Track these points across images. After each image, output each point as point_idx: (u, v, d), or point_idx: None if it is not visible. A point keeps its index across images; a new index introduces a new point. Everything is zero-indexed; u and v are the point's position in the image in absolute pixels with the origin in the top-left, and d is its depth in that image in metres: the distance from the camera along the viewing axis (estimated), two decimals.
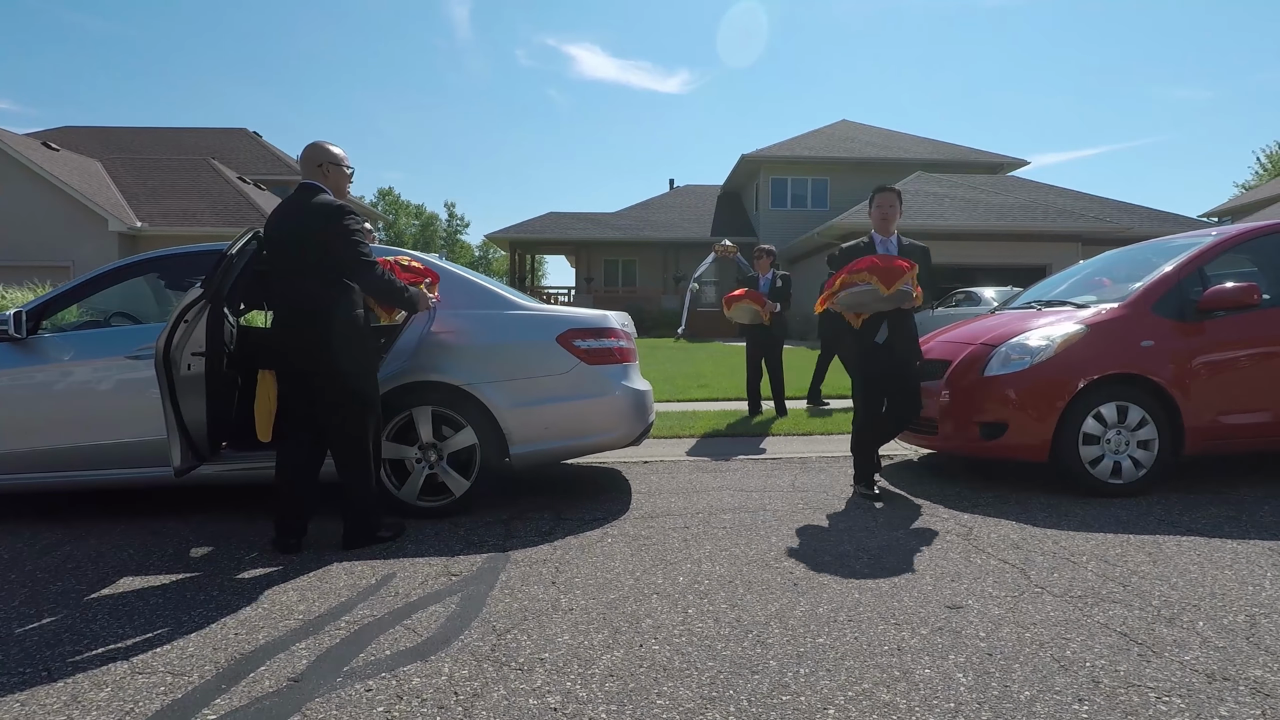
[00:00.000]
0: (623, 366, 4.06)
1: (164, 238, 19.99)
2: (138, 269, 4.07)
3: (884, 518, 3.66)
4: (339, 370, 3.18)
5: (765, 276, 7.11)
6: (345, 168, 3.42)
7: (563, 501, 4.14)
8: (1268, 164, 43.08)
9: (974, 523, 3.54)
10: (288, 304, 3.19)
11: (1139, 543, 3.17)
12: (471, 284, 4.07)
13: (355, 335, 3.26)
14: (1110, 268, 5.17)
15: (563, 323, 3.96)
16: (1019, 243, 19.26)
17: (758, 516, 3.72)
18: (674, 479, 4.75)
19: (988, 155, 27.24)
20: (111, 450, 3.67)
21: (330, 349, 3.15)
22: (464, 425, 3.79)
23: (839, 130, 29.22)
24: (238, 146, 30.50)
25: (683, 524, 3.61)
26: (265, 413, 3.39)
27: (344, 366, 3.19)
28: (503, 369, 3.84)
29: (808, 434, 6.28)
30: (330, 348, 3.15)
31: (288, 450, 3.29)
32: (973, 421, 4.22)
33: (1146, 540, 3.20)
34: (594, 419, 3.96)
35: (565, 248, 29.99)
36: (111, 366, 3.69)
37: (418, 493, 3.78)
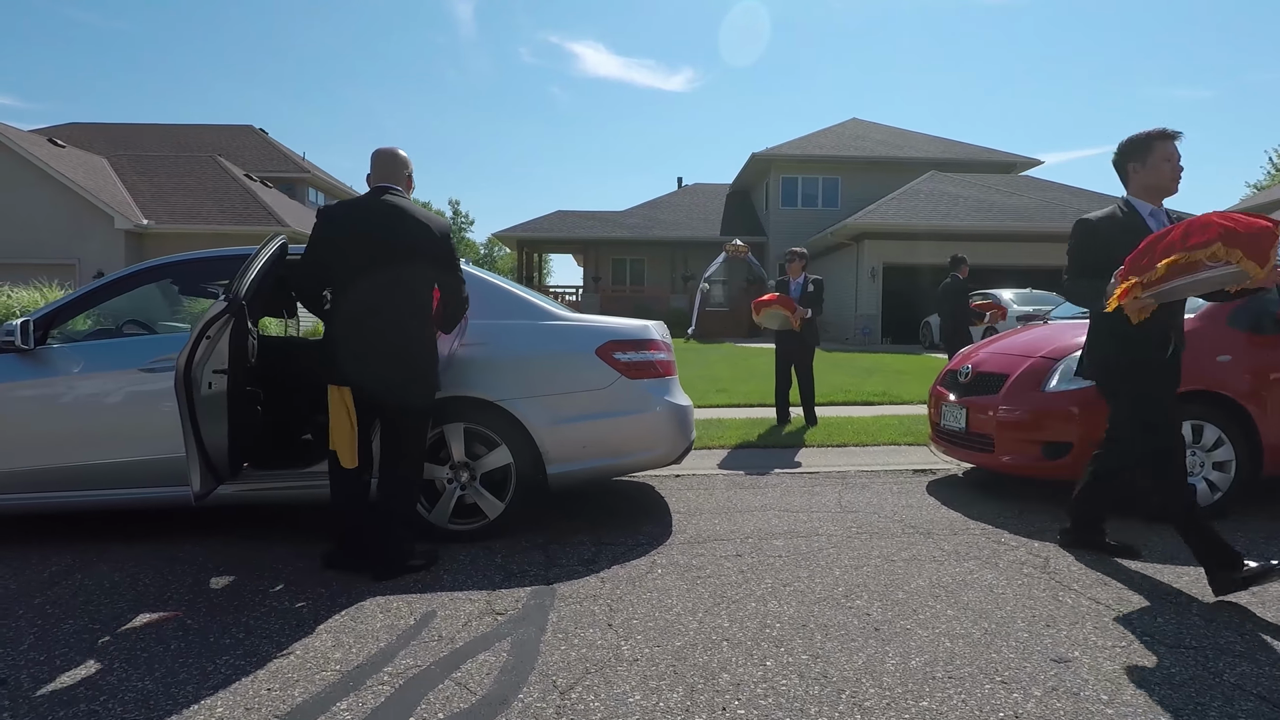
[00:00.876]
0: (664, 380, 3.82)
1: (170, 235, 19.81)
2: (150, 275, 3.84)
3: (949, 545, 3.43)
4: (430, 384, 3.12)
5: (796, 281, 6.85)
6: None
7: (600, 522, 3.91)
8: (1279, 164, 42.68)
9: (1047, 552, 3.31)
10: (394, 315, 2.97)
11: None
12: (505, 292, 3.84)
13: (434, 348, 3.19)
14: None
15: (602, 334, 3.73)
16: (1035, 244, 18.98)
17: (812, 543, 3.49)
18: (711, 496, 4.52)
19: (1001, 154, 26.93)
20: (124, 469, 3.44)
21: (426, 362, 3.08)
22: (498, 443, 3.56)
23: (849, 129, 28.92)
24: (244, 144, 30.35)
25: (734, 551, 3.38)
26: (347, 435, 3.01)
27: (431, 380, 3.13)
28: (539, 383, 3.61)
29: (842, 444, 6.05)
30: (426, 361, 3.08)
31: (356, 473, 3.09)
32: (1034, 440, 3.98)
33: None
34: (635, 437, 3.73)
35: (573, 247, 29.77)
36: (124, 379, 3.46)
37: (450, 515, 3.55)
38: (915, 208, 19.49)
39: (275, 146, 30.88)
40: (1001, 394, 4.15)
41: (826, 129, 28.58)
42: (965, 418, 4.39)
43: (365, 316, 2.97)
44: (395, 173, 3.20)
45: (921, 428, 6.58)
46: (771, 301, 6.61)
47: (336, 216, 3.04)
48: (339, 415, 3.01)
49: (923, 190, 20.81)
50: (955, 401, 4.52)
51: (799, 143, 26.56)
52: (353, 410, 3.01)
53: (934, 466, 5.36)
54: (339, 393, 3.00)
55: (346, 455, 3.02)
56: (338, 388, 3.00)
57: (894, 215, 19.03)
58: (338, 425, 3.01)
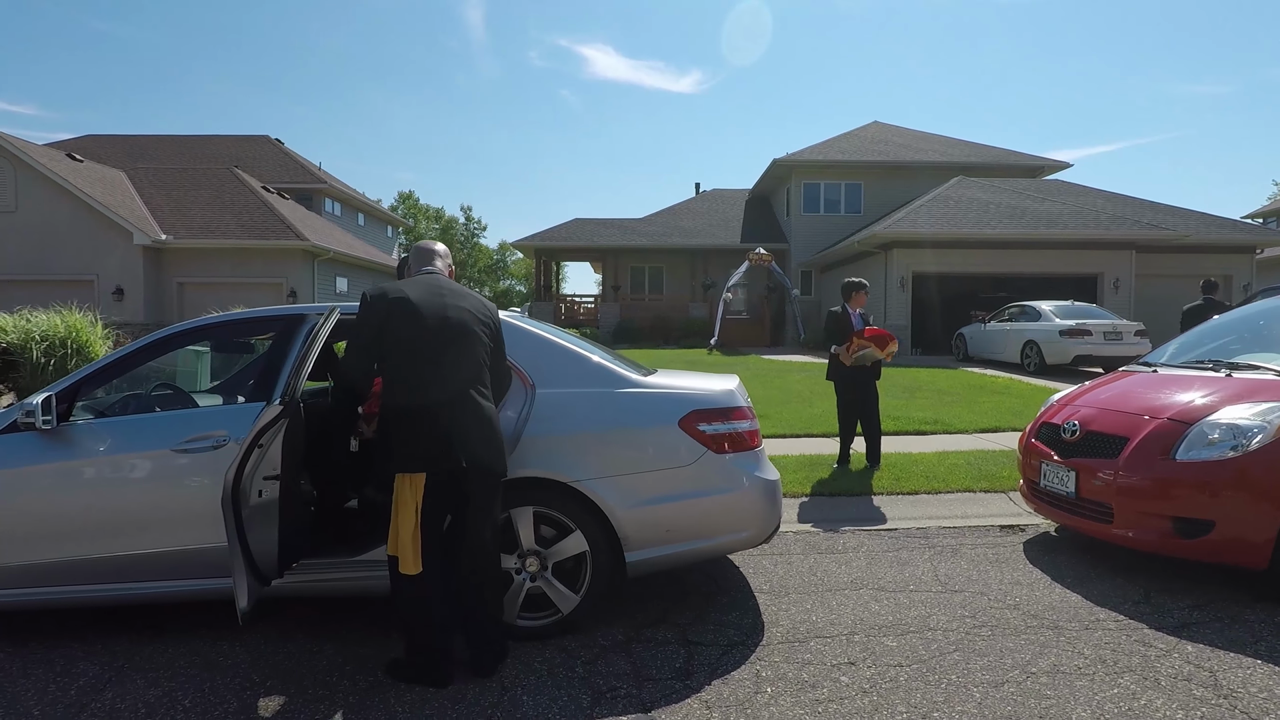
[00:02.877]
0: (753, 453, 3.42)
1: (189, 250, 19.63)
2: (184, 339, 3.50)
3: (1088, 650, 3.00)
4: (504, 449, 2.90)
5: (857, 312, 6.40)
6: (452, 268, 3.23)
7: (678, 605, 3.53)
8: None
9: (1211, 661, 2.88)
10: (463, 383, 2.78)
11: None
12: (577, 356, 3.45)
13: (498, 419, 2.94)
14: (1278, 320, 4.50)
15: (686, 403, 3.33)
16: (1069, 251, 18.43)
17: (930, 644, 3.08)
18: (791, 566, 4.13)
19: (1027, 157, 26.33)
20: (158, 560, 3.08)
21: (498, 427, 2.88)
22: (572, 529, 3.18)
23: (871, 132, 28.40)
24: (260, 154, 30.26)
25: (845, 657, 2.97)
26: (411, 536, 2.66)
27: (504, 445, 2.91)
28: (617, 461, 3.22)
29: (913, 492, 5.63)
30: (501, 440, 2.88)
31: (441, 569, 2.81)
32: (1164, 515, 3.55)
33: None
34: (723, 517, 3.33)
35: (590, 255, 29.39)
36: (155, 461, 3.10)
37: (519, 610, 3.17)
38: (945, 215, 18.97)
39: (291, 157, 30.73)
40: (1123, 459, 3.72)
41: (847, 133, 28.07)
42: (1075, 482, 3.96)
43: (433, 389, 2.70)
44: (436, 260, 3.15)
45: (991, 468, 6.16)
46: (878, 336, 6.12)
47: (387, 290, 2.81)
48: (405, 513, 2.65)
49: (951, 197, 20.28)
50: (1060, 462, 4.09)
51: (820, 148, 26.06)
52: (420, 504, 2.67)
53: (1021, 522, 4.93)
54: (409, 482, 2.67)
55: (410, 560, 2.65)
56: (409, 476, 2.67)
57: (924, 223, 18.52)
58: (403, 525, 2.65)
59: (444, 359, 2.74)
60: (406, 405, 2.69)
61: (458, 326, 2.81)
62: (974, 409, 9.45)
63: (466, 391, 2.75)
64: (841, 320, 6.32)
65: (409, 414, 2.68)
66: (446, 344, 2.76)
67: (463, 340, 2.80)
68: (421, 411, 2.68)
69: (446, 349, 2.75)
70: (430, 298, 2.81)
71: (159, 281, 19.67)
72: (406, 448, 2.66)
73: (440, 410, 2.68)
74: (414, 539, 2.65)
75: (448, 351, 2.75)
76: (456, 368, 2.76)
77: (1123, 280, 18.45)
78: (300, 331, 3.22)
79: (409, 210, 56.34)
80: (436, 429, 2.67)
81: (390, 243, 37.11)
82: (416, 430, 2.67)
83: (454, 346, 2.77)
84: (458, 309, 2.85)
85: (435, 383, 2.70)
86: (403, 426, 2.68)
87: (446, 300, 2.85)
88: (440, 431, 2.67)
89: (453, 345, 2.77)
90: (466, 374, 2.78)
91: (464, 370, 2.78)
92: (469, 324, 2.84)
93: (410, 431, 2.67)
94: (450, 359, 2.75)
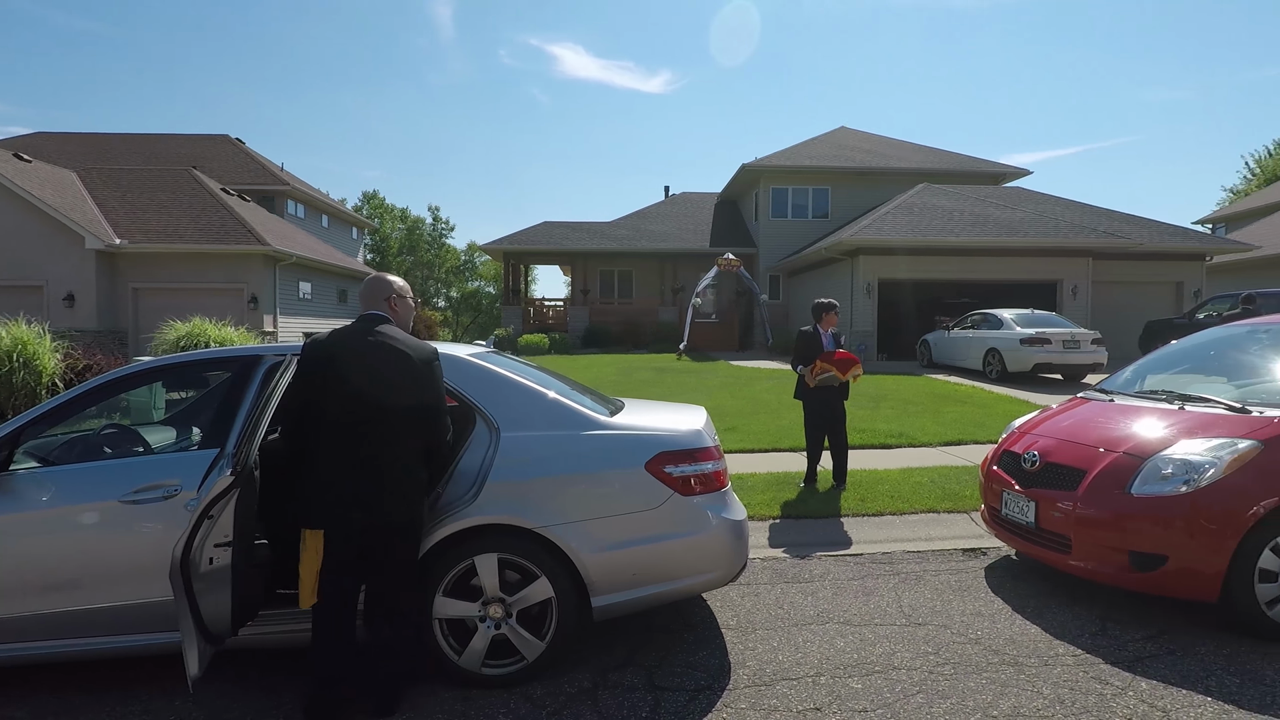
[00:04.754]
0: (721, 494, 3.42)
1: (145, 255, 19.06)
2: (138, 380, 3.39)
3: (1047, 689, 3.05)
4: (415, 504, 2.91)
5: (829, 332, 6.42)
6: (410, 299, 3.07)
7: (644, 646, 3.51)
8: (1257, 169, 43.28)
9: (1164, 700, 2.94)
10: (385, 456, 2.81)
11: None
12: (543, 397, 3.40)
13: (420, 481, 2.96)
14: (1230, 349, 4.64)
15: (653, 445, 3.31)
16: (1029, 258, 18.83)
17: (894, 685, 3.10)
18: (757, 597, 4.14)
19: (989, 164, 26.85)
20: (101, 615, 2.97)
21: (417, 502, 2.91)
22: (537, 575, 3.13)
23: (838, 138, 28.72)
24: (220, 155, 29.52)
25: (812, 703, 2.98)
26: (311, 574, 2.75)
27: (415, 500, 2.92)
28: (584, 505, 3.19)
29: (878, 513, 5.68)
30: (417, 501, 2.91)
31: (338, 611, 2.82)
32: (1120, 548, 3.63)
33: None
34: (690, 559, 3.32)
35: (560, 258, 29.26)
36: (102, 513, 2.99)
37: (483, 658, 3.12)
38: (911, 222, 19.26)
39: (252, 157, 30.03)
40: (1081, 492, 3.80)
41: (815, 138, 28.34)
42: (1035, 512, 4.03)
43: (347, 454, 2.76)
44: (374, 302, 3.05)
45: (954, 486, 6.25)
46: (841, 360, 6.13)
47: (317, 353, 2.83)
48: (309, 564, 2.75)
49: (916, 204, 20.59)
50: (1021, 492, 4.16)
51: (788, 153, 26.27)
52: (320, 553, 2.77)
53: (983, 545, 5.02)
54: (312, 535, 2.76)
55: (307, 591, 2.75)
56: (312, 533, 2.76)
57: (890, 230, 18.77)
58: (308, 563, 2.75)
59: (355, 421, 2.76)
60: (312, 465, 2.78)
61: (377, 391, 2.77)
62: (938, 420, 9.60)
63: (381, 452, 2.78)
64: (812, 341, 6.35)
65: (319, 473, 2.77)
66: (359, 406, 2.76)
67: (381, 405, 2.78)
68: (332, 472, 2.75)
69: (363, 415, 2.76)
70: (335, 355, 2.79)
71: (112, 287, 19.07)
72: (312, 504, 2.76)
73: (350, 473, 2.74)
74: (313, 577, 2.75)
75: (361, 414, 2.76)
76: (371, 434, 2.77)
77: (1080, 287, 18.91)
78: (255, 376, 3.13)
79: (374, 210, 55.41)
80: (345, 489, 2.74)
81: (355, 245, 36.50)
82: (324, 488, 2.75)
83: (372, 411, 2.77)
84: (381, 368, 2.81)
85: (345, 446, 2.76)
86: (311, 481, 2.77)
87: (370, 360, 2.82)
88: (348, 492, 2.73)
89: (371, 410, 2.77)
90: (384, 436, 2.79)
91: (381, 434, 2.78)
92: (392, 385, 2.80)
93: (317, 488, 2.76)
94: (363, 421, 2.76)
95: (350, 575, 2.83)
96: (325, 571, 2.78)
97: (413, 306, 3.16)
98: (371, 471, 2.76)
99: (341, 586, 2.81)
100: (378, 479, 2.77)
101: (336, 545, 2.78)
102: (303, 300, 22.42)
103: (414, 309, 3.19)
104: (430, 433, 2.92)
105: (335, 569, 2.78)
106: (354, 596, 2.87)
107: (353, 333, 2.90)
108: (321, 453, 2.79)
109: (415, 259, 55.46)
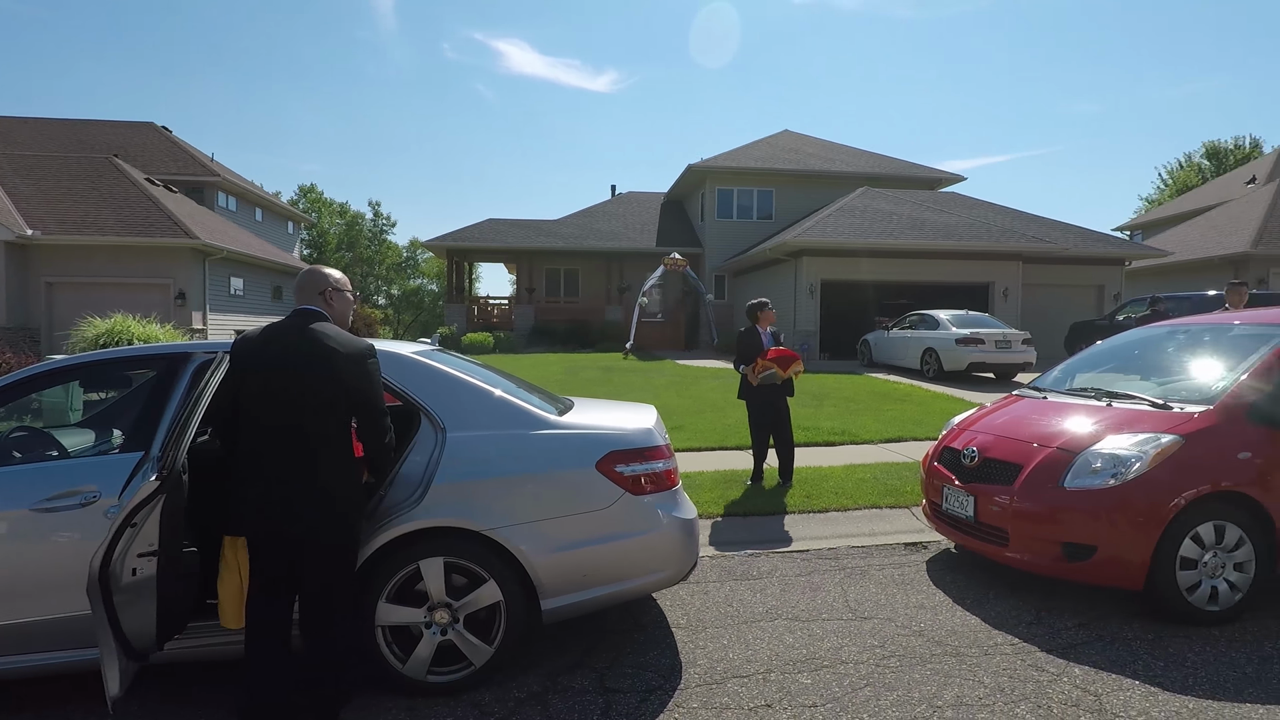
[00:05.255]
0: (672, 492, 3.40)
1: (61, 248, 18.00)
2: (50, 379, 3.16)
3: (988, 678, 3.14)
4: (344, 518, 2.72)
5: (767, 331, 6.52)
6: (349, 293, 2.91)
7: (595, 647, 3.47)
8: (1170, 180, 45.89)
9: (1096, 684, 3.06)
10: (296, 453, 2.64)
11: None
12: (490, 396, 3.32)
13: (352, 484, 2.77)
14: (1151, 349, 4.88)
15: (603, 444, 3.27)
16: (964, 261, 19.51)
17: (843, 680, 3.14)
18: (706, 595, 4.15)
19: (926, 170, 27.72)
20: (10, 632, 2.76)
21: (342, 509, 2.70)
22: (485, 578, 3.06)
23: (782, 141, 29.20)
24: (145, 143, 28.12)
25: (762, 700, 2.99)
26: (235, 593, 2.64)
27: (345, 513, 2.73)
28: (533, 506, 3.13)
29: (823, 510, 5.78)
30: (342, 508, 2.70)
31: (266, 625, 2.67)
32: (1054, 540, 3.77)
33: None
34: (641, 559, 3.29)
35: (504, 256, 28.86)
36: (12, 523, 2.78)
37: (429, 665, 3.03)
38: (852, 224, 19.71)
39: (180, 146, 28.67)
40: (1018, 486, 3.93)
41: (760, 141, 28.74)
42: (974, 506, 4.16)
43: (266, 457, 2.63)
44: (309, 296, 2.87)
45: (895, 482, 6.40)
46: (782, 357, 6.16)
47: (241, 347, 2.72)
48: (229, 573, 2.67)
49: (858, 207, 21.09)
50: (961, 487, 4.28)
51: (734, 154, 26.57)
52: (244, 565, 2.67)
53: (923, 539, 5.15)
54: (232, 543, 2.68)
55: (232, 613, 2.66)
56: (232, 543, 2.67)
57: (832, 232, 19.17)
58: (226, 578, 2.66)
59: (275, 423, 2.63)
60: (238, 469, 2.66)
61: (302, 391, 2.62)
62: (879, 418, 9.83)
63: (307, 456, 2.63)
64: (753, 339, 6.41)
65: (239, 477, 2.65)
66: (280, 407, 2.63)
67: (309, 406, 2.63)
68: (251, 477, 2.63)
69: (279, 413, 2.63)
70: (259, 350, 2.67)
71: (24, 282, 17.94)
72: (232, 509, 2.64)
73: (273, 479, 2.61)
74: (237, 596, 2.66)
75: (281, 416, 2.63)
76: (298, 437, 2.63)
77: (1011, 289, 19.69)
78: (183, 375, 2.96)
79: (312, 205, 53.62)
80: (263, 495, 2.61)
81: (291, 240, 35.24)
82: (243, 494, 2.63)
83: (298, 413, 2.63)
84: (282, 363, 2.64)
85: (264, 449, 2.63)
86: (233, 487, 2.65)
87: (272, 354, 2.66)
88: (266, 498, 2.60)
89: (296, 412, 2.63)
90: (311, 439, 2.64)
91: (308, 437, 2.64)
92: (320, 385, 2.64)
93: (238, 493, 2.64)
94: (283, 424, 2.62)
95: (280, 587, 2.69)
96: (253, 585, 2.66)
97: (351, 301, 3.02)
98: (297, 477, 2.61)
99: (271, 600, 2.67)
100: (306, 484, 2.61)
101: (261, 557, 2.65)
102: (235, 297, 21.54)
103: (353, 303, 3.06)
104: (366, 435, 2.78)
105: (263, 581, 2.66)
106: (285, 609, 2.73)
107: (283, 329, 2.75)
108: (244, 456, 2.65)
109: (355, 255, 53.91)
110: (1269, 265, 21.74)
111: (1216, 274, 22.93)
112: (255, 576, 2.65)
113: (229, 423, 2.70)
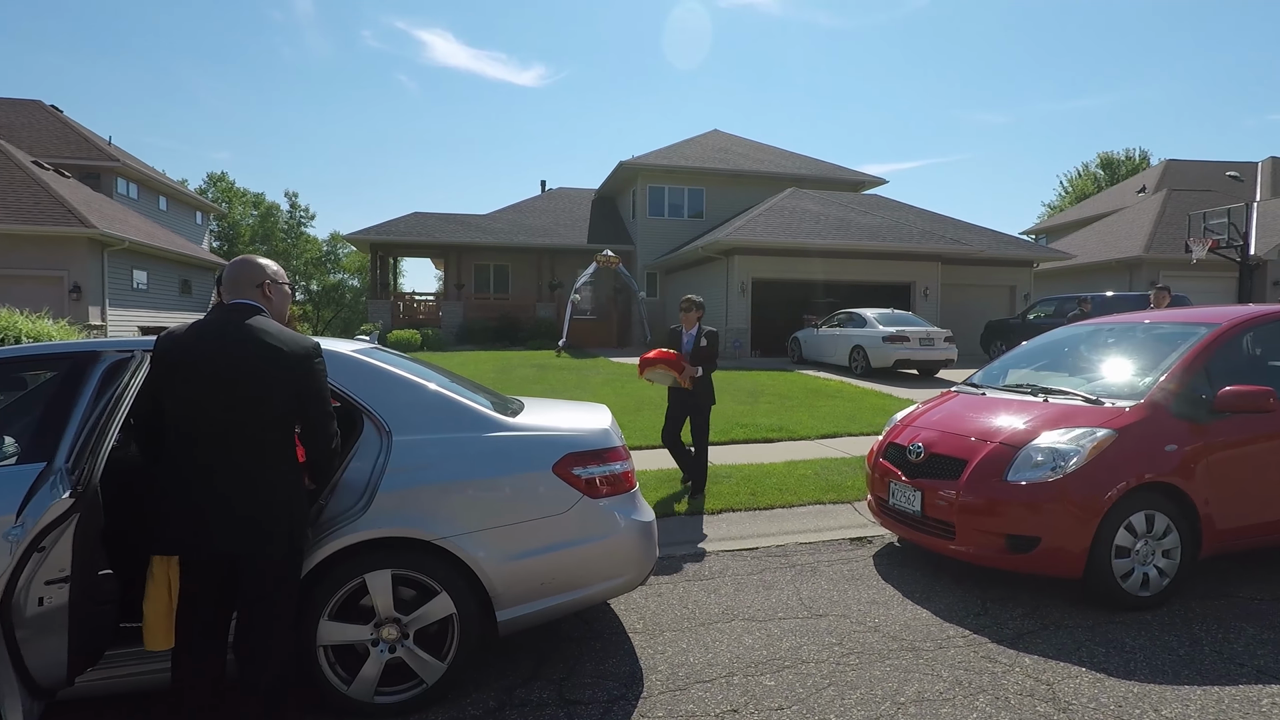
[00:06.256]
0: (629, 495, 3.30)
1: None
2: None
3: (945, 672, 3.18)
4: (286, 534, 2.48)
5: (690, 332, 6.14)
6: (286, 286, 2.68)
7: (551, 658, 3.33)
8: (1070, 188, 48.91)
9: (1047, 673, 3.14)
10: (239, 468, 2.41)
11: (1236, 696, 2.90)
12: (439, 397, 3.14)
13: (294, 492, 2.54)
14: (1081, 346, 5.10)
15: (559, 446, 3.14)
16: (887, 261, 20.18)
17: (805, 680, 3.11)
18: (660, 597, 4.07)
19: (850, 173, 28.55)
20: None
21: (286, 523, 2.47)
22: (437, 590, 2.88)
23: (712, 140, 29.48)
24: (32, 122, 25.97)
25: (728, 704, 2.92)
26: (164, 612, 2.38)
27: (287, 529, 2.48)
28: (487, 513, 2.97)
29: (768, 507, 5.80)
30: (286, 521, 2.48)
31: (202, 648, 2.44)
32: (999, 533, 3.87)
33: (1239, 693, 2.94)
34: (600, 565, 3.17)
35: (431, 251, 28.11)
36: None
37: (376, 686, 2.83)
38: (782, 224, 20.09)
39: (72, 128, 26.56)
40: (963, 481, 4.01)
41: (690, 139, 28.93)
42: (921, 501, 4.23)
43: (198, 468, 2.39)
44: (244, 289, 2.60)
45: (836, 478, 6.50)
46: (657, 360, 5.84)
47: (166, 345, 2.44)
48: (157, 591, 2.41)
49: (786, 207, 21.51)
50: (908, 482, 4.35)
51: (665, 152, 26.65)
52: (175, 583, 2.42)
53: (868, 534, 5.23)
54: (163, 564, 2.41)
55: (160, 634, 2.40)
56: (160, 561, 2.41)
57: (762, 232, 19.48)
58: (154, 596, 2.39)
59: (209, 430, 2.39)
60: (165, 481, 2.40)
61: (240, 395, 2.39)
62: (814, 414, 10.00)
63: (245, 466, 2.41)
64: (672, 340, 6.19)
65: (166, 490, 2.39)
66: (216, 411, 2.39)
67: (248, 412, 2.41)
68: (180, 490, 2.38)
69: (214, 418, 2.39)
70: (189, 347, 2.42)
71: None
72: (159, 526, 2.38)
73: (203, 491, 2.38)
74: (166, 616, 2.41)
75: (216, 421, 2.39)
76: (226, 440, 2.40)
77: (931, 289, 20.49)
78: (90, 376, 2.66)
79: (222, 194, 50.79)
80: (197, 510, 2.37)
81: (201, 230, 33.25)
82: (171, 509, 2.38)
83: (235, 419, 2.40)
84: (216, 361, 2.39)
85: (197, 459, 2.39)
86: (161, 501, 2.39)
87: (204, 350, 2.41)
88: (200, 514, 2.37)
89: (234, 417, 2.40)
90: (250, 448, 2.42)
91: (247, 445, 2.42)
92: (261, 389, 2.41)
93: (165, 509, 2.38)
94: (219, 430, 2.39)
95: (209, 608, 2.45)
96: (181, 606, 2.41)
97: (289, 295, 2.78)
98: (235, 489, 2.39)
99: (199, 621, 2.43)
100: (245, 497, 2.39)
101: (194, 576, 2.41)
102: (138, 291, 20.14)
103: (290, 297, 2.82)
104: (312, 440, 2.56)
105: (191, 602, 2.42)
106: (217, 630, 2.48)
107: (215, 325, 2.48)
108: (171, 467, 2.40)
109: (270, 248, 51.34)
110: (1159, 268, 23.40)
111: (1114, 275, 24.58)
112: (185, 598, 2.40)
113: (153, 430, 2.43)
